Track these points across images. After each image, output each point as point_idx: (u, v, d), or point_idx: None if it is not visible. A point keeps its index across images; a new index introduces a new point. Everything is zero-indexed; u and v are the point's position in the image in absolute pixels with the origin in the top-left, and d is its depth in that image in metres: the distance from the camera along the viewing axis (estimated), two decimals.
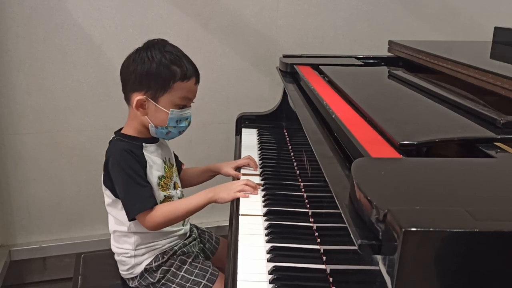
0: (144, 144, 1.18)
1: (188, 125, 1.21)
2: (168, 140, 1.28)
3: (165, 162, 1.22)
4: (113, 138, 1.20)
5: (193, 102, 1.21)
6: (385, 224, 0.49)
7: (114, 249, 1.24)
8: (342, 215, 0.60)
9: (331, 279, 0.87)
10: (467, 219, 0.47)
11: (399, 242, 0.46)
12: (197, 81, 1.19)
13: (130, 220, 1.14)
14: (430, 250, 0.46)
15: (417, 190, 0.55)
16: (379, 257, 0.55)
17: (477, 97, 1.01)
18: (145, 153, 1.17)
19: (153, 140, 1.22)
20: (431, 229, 0.45)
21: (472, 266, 0.47)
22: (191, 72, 1.16)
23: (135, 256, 1.20)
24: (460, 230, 0.45)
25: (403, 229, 0.45)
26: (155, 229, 1.15)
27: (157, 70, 1.12)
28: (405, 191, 0.55)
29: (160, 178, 1.19)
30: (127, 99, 1.18)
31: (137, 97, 1.14)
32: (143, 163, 1.15)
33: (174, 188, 1.25)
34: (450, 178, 0.59)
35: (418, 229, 0.45)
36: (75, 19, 1.83)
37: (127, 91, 1.17)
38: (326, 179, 0.74)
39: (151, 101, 1.14)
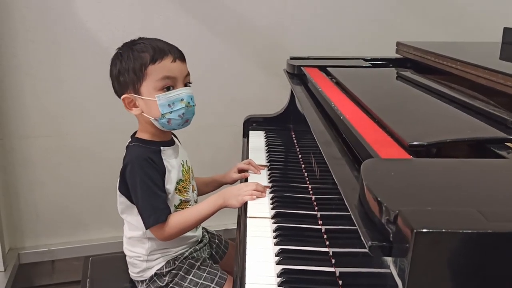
0: (162, 148, 1.17)
1: (187, 106, 1.13)
2: (180, 144, 1.27)
3: (182, 165, 1.21)
4: (129, 143, 1.18)
5: (190, 83, 1.16)
6: (396, 225, 0.49)
7: (126, 252, 1.24)
8: (352, 216, 0.59)
9: (340, 282, 0.86)
10: (479, 220, 0.46)
11: (410, 244, 0.45)
12: (176, 58, 1.12)
13: (147, 228, 1.13)
14: (442, 252, 0.45)
15: (428, 191, 0.54)
16: (389, 260, 0.54)
17: (487, 98, 1.00)
18: (163, 157, 1.15)
19: (170, 142, 1.21)
20: (443, 230, 0.44)
21: (486, 268, 0.46)
22: (162, 52, 1.11)
23: (147, 260, 1.19)
24: (472, 231, 0.45)
25: (415, 231, 0.44)
26: (168, 240, 1.15)
27: (126, 64, 1.12)
28: (416, 192, 0.54)
29: (178, 182, 1.17)
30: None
31: (122, 97, 1.14)
32: (162, 170, 1.14)
33: (192, 191, 1.24)
34: (461, 178, 0.59)
35: (430, 230, 0.44)
36: (83, 22, 1.84)
37: (119, 97, 1.16)
38: (335, 180, 0.74)
39: (136, 95, 1.12)
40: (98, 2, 1.83)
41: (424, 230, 0.44)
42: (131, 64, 1.11)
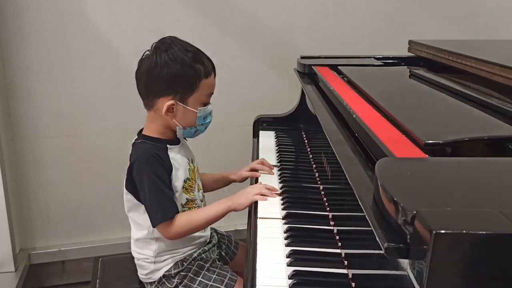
0: (168, 145, 1.16)
1: (212, 118, 1.20)
2: (187, 140, 1.27)
3: (189, 164, 1.20)
4: (136, 140, 1.18)
5: None
6: (413, 226, 0.47)
7: (134, 254, 1.23)
8: (367, 217, 0.57)
9: (353, 284, 0.84)
10: (501, 220, 0.44)
11: (429, 246, 0.43)
12: (215, 75, 1.17)
13: (154, 227, 1.12)
14: (462, 254, 0.44)
15: (446, 191, 0.53)
16: (406, 262, 0.53)
17: (504, 96, 0.98)
18: (170, 155, 1.14)
19: (176, 141, 1.20)
20: (463, 232, 0.43)
21: (508, 271, 0.44)
22: (210, 67, 1.15)
23: (155, 262, 1.18)
24: (494, 232, 0.43)
25: (434, 232, 0.43)
26: (174, 239, 1.14)
27: (182, 71, 1.10)
28: (434, 192, 0.52)
29: (185, 180, 1.17)
30: (150, 105, 1.14)
31: (166, 102, 1.10)
32: (168, 168, 1.13)
33: (198, 190, 1.23)
34: (480, 178, 0.57)
35: (450, 232, 0.43)
36: (93, 23, 1.84)
37: (151, 97, 1.13)
38: (349, 180, 0.72)
39: (180, 104, 1.12)
40: (107, 2, 1.83)
41: (444, 231, 0.43)
42: (188, 73, 1.10)
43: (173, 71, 1.09)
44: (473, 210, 0.47)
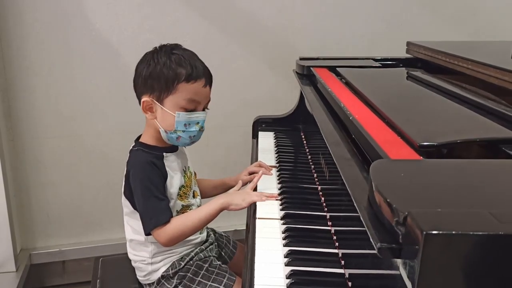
0: (164, 154, 1.17)
1: (200, 130, 1.16)
2: (185, 147, 1.27)
3: (184, 171, 1.22)
4: (133, 147, 1.19)
5: (208, 108, 1.18)
6: (405, 227, 0.48)
7: (131, 256, 1.24)
8: (361, 218, 0.58)
9: (350, 284, 0.85)
10: (491, 221, 0.45)
11: (420, 246, 0.44)
12: (207, 84, 1.14)
13: (146, 235, 1.13)
14: (452, 254, 0.44)
15: (438, 192, 0.54)
16: (399, 261, 0.54)
17: (499, 98, 0.99)
18: (165, 163, 1.16)
19: (172, 149, 1.20)
20: (453, 232, 0.44)
21: (497, 270, 0.45)
22: (197, 74, 1.12)
23: (152, 263, 1.19)
24: (484, 233, 0.44)
25: (424, 232, 0.44)
26: (170, 243, 1.13)
27: (160, 71, 1.11)
28: (426, 193, 0.53)
29: (180, 188, 1.18)
30: (139, 104, 1.17)
31: (143, 99, 1.13)
32: (164, 175, 1.14)
33: (193, 197, 1.24)
34: (472, 179, 0.58)
35: (440, 232, 0.44)
36: (93, 23, 1.85)
37: (137, 95, 1.17)
38: (344, 181, 0.73)
39: (157, 103, 1.12)
40: (108, 3, 1.84)
41: (434, 232, 0.44)
42: (165, 73, 1.11)
43: (152, 70, 1.12)
44: (463, 211, 0.48)
